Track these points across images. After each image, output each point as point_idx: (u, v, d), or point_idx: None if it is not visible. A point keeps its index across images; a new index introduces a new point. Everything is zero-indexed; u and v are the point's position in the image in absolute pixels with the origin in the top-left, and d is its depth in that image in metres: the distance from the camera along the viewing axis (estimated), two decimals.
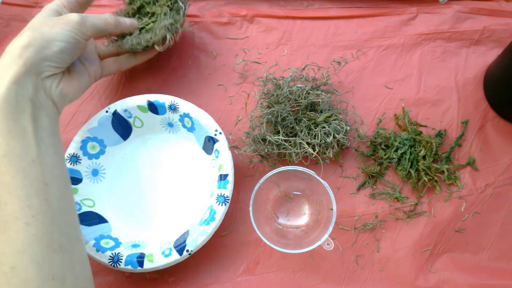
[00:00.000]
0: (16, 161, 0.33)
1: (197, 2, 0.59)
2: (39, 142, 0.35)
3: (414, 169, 0.48)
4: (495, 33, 0.54)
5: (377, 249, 0.47)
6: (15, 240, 0.31)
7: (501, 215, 0.47)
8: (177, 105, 0.49)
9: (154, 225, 0.48)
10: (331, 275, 0.46)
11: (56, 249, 0.33)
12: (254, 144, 0.48)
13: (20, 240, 0.31)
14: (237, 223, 0.49)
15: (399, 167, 0.48)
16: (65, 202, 0.36)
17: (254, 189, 0.43)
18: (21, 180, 0.32)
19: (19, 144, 0.33)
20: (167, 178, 0.50)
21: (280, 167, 0.44)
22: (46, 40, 0.37)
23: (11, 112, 0.34)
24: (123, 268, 0.43)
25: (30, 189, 0.33)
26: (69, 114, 0.54)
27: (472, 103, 0.52)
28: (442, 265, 0.46)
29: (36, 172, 0.33)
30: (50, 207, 0.33)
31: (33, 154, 0.34)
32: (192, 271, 0.47)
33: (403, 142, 0.48)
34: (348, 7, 0.57)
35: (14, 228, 0.31)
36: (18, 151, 0.33)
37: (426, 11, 0.56)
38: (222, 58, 0.56)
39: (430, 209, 0.48)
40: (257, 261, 0.47)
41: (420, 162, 0.48)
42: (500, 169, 0.49)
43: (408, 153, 0.48)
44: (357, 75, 0.54)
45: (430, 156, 0.48)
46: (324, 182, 0.43)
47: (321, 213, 0.46)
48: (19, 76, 0.35)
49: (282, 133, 0.47)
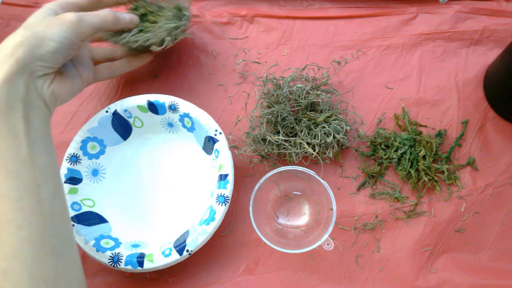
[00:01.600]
0: (7, 161, 0.32)
1: (197, 2, 0.59)
2: (30, 143, 0.34)
3: (414, 169, 0.48)
4: (495, 33, 0.54)
5: (377, 249, 0.47)
6: (7, 244, 0.30)
7: (501, 215, 0.47)
8: (177, 105, 0.49)
9: (154, 225, 0.48)
10: (331, 275, 0.46)
11: (49, 252, 0.32)
12: (254, 144, 0.48)
13: (11, 243, 0.30)
14: (237, 223, 0.49)
15: (399, 167, 0.48)
16: (57, 204, 0.35)
17: (254, 189, 0.43)
18: (12, 182, 0.32)
19: (10, 144, 0.33)
20: (167, 178, 0.50)
21: (280, 167, 0.44)
22: (39, 39, 0.36)
23: (2, 111, 0.33)
24: (123, 268, 0.43)
25: (22, 191, 0.32)
26: (69, 114, 0.54)
27: (472, 103, 0.52)
28: (442, 265, 0.46)
29: (28, 173, 0.33)
30: (43, 209, 0.33)
31: (25, 155, 0.33)
32: (192, 271, 0.47)
33: (403, 142, 0.48)
34: (348, 7, 0.57)
35: (6, 231, 0.30)
36: (9, 151, 0.33)
37: (426, 11, 0.56)
38: (222, 58, 0.56)
39: (430, 209, 0.48)
40: (257, 261, 0.47)
41: (420, 162, 0.48)
42: (500, 169, 0.49)
43: (408, 153, 0.48)
44: (357, 75, 0.54)
45: (430, 156, 0.48)
46: (324, 182, 0.43)
47: (321, 213, 0.46)
48: (10, 75, 0.34)
49: (282, 133, 0.47)
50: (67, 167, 0.47)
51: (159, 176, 0.51)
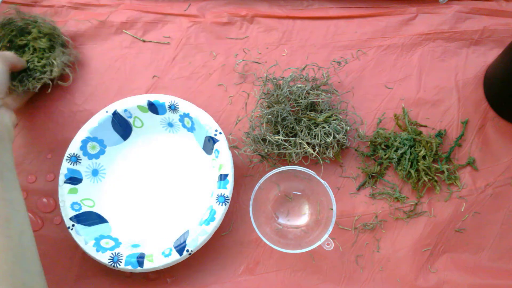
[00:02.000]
0: None
1: (197, 2, 0.59)
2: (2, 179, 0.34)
3: (414, 169, 0.48)
4: (495, 33, 0.54)
5: (377, 249, 0.47)
6: None
7: (501, 215, 0.47)
8: (177, 105, 0.49)
9: (154, 225, 0.48)
10: (331, 275, 0.46)
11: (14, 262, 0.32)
12: (254, 144, 0.48)
13: None
14: (237, 223, 0.49)
15: (399, 167, 0.48)
16: (25, 237, 0.35)
17: (254, 189, 0.43)
18: None
19: None
20: (167, 178, 0.50)
21: (280, 167, 0.44)
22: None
23: None
24: (123, 268, 0.43)
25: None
26: (69, 114, 0.54)
27: (472, 103, 0.52)
28: (442, 265, 0.46)
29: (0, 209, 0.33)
30: (12, 243, 0.33)
31: None
32: (192, 271, 0.47)
33: (403, 142, 0.48)
34: (348, 7, 0.57)
35: None
36: None
37: (426, 11, 0.56)
38: (222, 58, 0.56)
39: (430, 209, 0.48)
40: (257, 261, 0.47)
41: (420, 162, 0.48)
42: (500, 169, 0.49)
43: (408, 153, 0.48)
44: (357, 75, 0.54)
45: (430, 156, 0.48)
46: (324, 182, 0.43)
47: (321, 213, 0.46)
48: None
49: (282, 133, 0.47)
50: (67, 167, 0.47)
51: (159, 176, 0.51)
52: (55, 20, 0.56)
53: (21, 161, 0.51)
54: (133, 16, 0.58)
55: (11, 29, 0.51)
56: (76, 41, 0.57)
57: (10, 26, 0.52)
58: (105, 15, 0.57)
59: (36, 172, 0.51)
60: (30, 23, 0.52)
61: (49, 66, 0.51)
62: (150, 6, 0.59)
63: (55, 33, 0.53)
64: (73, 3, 0.58)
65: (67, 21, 0.57)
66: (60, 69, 0.51)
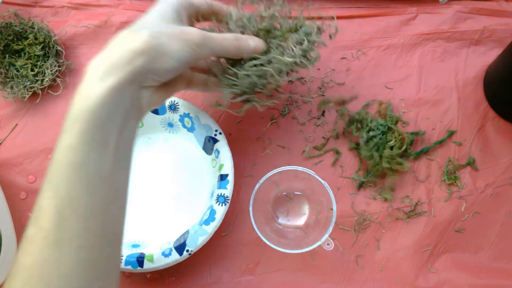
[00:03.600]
0: (89, 174, 0.30)
1: None
2: (116, 157, 0.32)
3: (378, 154, 0.47)
4: (495, 33, 0.54)
5: (377, 249, 0.47)
6: (64, 263, 0.29)
7: (501, 215, 0.47)
8: (177, 105, 0.49)
9: (154, 225, 0.48)
10: (331, 275, 0.46)
11: (99, 278, 0.31)
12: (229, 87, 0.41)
13: (68, 263, 0.29)
14: (237, 223, 0.49)
15: (365, 147, 0.48)
16: (119, 226, 0.33)
17: (254, 189, 0.43)
18: (86, 198, 0.30)
19: (96, 156, 0.31)
20: (167, 178, 0.50)
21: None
22: (161, 53, 0.33)
23: (102, 119, 0.31)
24: (123, 268, 0.43)
25: (92, 210, 0.30)
26: None
27: (472, 103, 0.52)
28: (442, 265, 0.46)
29: (104, 190, 0.31)
30: (104, 231, 0.31)
31: (106, 170, 0.31)
32: (192, 271, 0.47)
33: (377, 127, 0.48)
34: (348, 7, 0.57)
35: (67, 250, 0.29)
36: (93, 164, 0.31)
37: (426, 11, 0.56)
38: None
39: (430, 209, 0.48)
40: (257, 261, 0.47)
41: (386, 150, 0.47)
42: (500, 169, 0.49)
43: (378, 138, 0.48)
44: (357, 75, 0.54)
45: (398, 148, 0.48)
46: (324, 182, 0.43)
47: (321, 213, 0.46)
48: (122, 83, 0.31)
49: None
50: None
51: (159, 176, 0.51)
52: (55, 20, 0.56)
53: (21, 161, 0.51)
54: (133, 16, 0.57)
55: (8, 33, 0.52)
56: (75, 42, 0.57)
57: (8, 30, 0.52)
58: (105, 15, 0.57)
59: (36, 172, 0.51)
60: (28, 28, 0.52)
61: (41, 75, 0.51)
62: (150, 6, 0.58)
63: (50, 42, 0.53)
64: (73, 3, 0.58)
65: (64, 25, 0.57)
66: (51, 79, 0.52)
